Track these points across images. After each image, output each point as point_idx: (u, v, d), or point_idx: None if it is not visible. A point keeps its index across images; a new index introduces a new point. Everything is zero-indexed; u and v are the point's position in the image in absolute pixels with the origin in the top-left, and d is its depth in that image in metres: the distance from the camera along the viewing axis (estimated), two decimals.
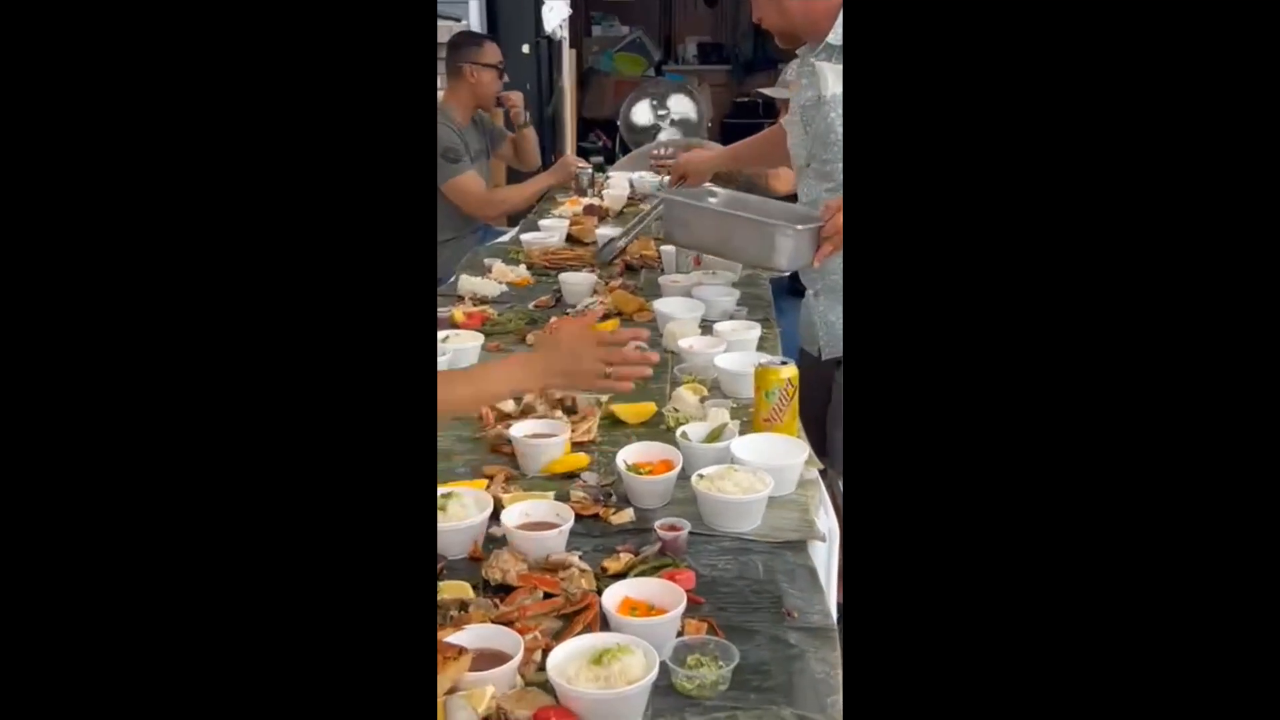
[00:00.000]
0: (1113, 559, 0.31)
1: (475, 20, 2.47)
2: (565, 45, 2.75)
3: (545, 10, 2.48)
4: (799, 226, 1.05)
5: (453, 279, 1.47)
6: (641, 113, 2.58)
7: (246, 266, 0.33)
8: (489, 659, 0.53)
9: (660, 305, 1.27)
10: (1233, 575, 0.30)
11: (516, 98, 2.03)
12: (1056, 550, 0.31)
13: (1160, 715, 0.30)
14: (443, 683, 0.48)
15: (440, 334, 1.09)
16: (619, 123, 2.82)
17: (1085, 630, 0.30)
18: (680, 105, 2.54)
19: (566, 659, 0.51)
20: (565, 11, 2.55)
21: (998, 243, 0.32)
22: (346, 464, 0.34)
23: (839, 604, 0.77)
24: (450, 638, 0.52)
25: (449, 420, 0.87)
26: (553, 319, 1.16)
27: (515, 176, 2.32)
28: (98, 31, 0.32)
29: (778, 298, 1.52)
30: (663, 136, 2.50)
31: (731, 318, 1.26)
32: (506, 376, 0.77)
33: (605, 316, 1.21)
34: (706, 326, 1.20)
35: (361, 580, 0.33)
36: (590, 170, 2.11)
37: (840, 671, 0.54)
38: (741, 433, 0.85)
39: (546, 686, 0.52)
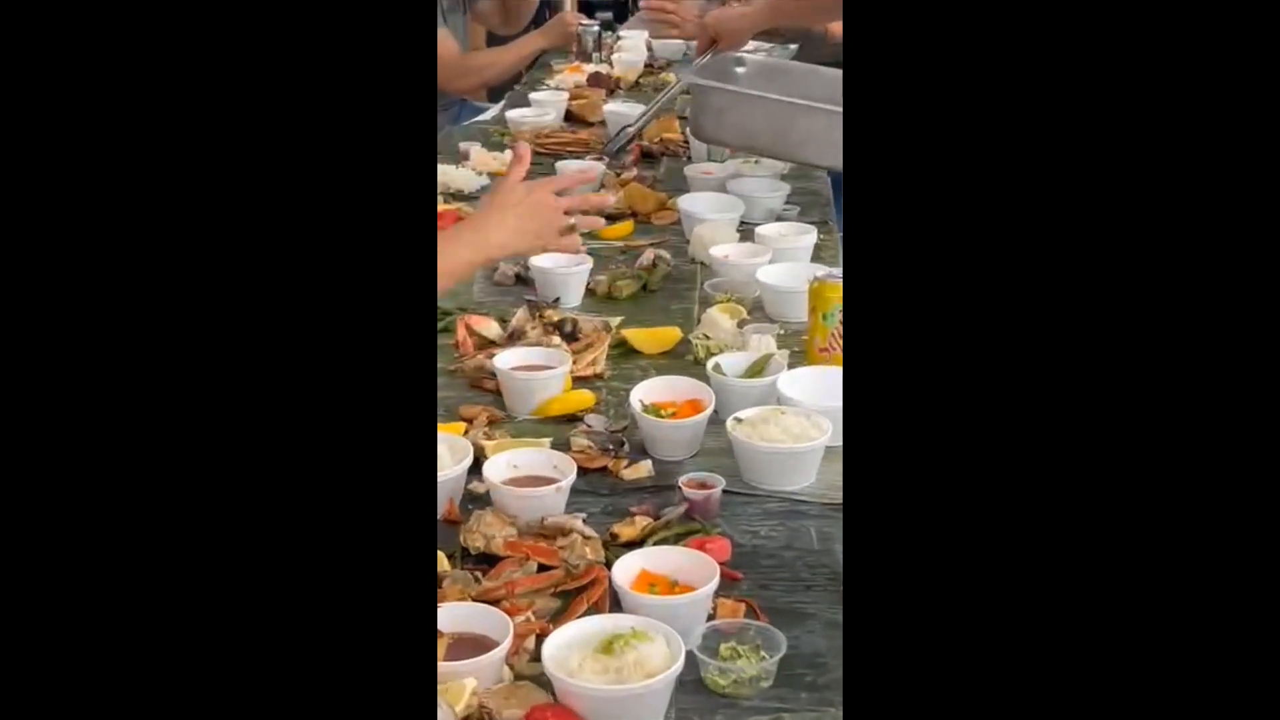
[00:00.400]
0: (1112, 557, 0.35)
1: None
2: None
3: None
4: None
5: None
6: None
7: (237, 237, 0.38)
8: (469, 645, 0.52)
9: (686, 203, 1.22)
10: (1230, 572, 0.34)
11: None
12: (1058, 546, 0.35)
13: (1159, 714, 0.34)
14: None
15: None
16: None
17: (1085, 628, 0.34)
18: None
19: (567, 647, 0.50)
20: None
21: (997, 246, 0.37)
22: (344, 453, 0.37)
23: None
24: None
25: None
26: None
27: (498, 42, 2.20)
28: (101, 33, 0.37)
29: (839, 194, 1.42)
30: None
31: (779, 219, 1.21)
32: (454, 250, 0.75)
33: (616, 218, 1.16)
34: (746, 231, 1.16)
35: (357, 570, 0.37)
36: (597, 28, 1.98)
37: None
38: (791, 366, 0.84)
39: (542, 680, 0.50)
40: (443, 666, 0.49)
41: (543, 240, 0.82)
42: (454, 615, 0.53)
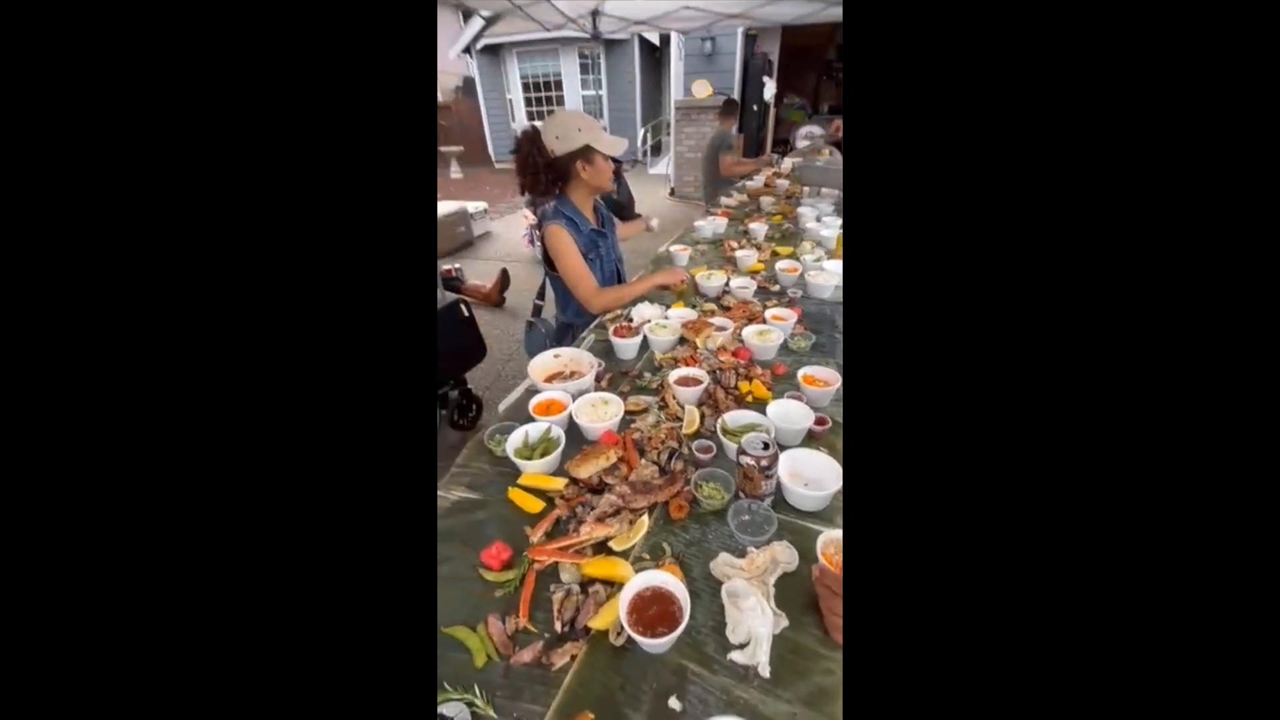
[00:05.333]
0: (1111, 559, 0.34)
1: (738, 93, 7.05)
2: (771, 105, 7.65)
3: (765, 90, 7.64)
4: None
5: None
6: (801, 134, 5.74)
7: (260, 255, 0.39)
8: None
9: None
10: (1220, 574, 0.32)
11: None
12: (1056, 553, 0.35)
13: (1158, 714, 0.32)
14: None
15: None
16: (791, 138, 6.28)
17: (1082, 634, 0.34)
18: (814, 129, 5.57)
19: None
20: (773, 89, 7.70)
21: (997, 252, 0.37)
22: (348, 451, 0.40)
23: None
24: None
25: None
26: None
27: None
28: (116, 36, 0.35)
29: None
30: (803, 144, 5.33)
31: None
32: None
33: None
34: None
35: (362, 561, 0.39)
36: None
37: None
38: None
39: None
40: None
41: None
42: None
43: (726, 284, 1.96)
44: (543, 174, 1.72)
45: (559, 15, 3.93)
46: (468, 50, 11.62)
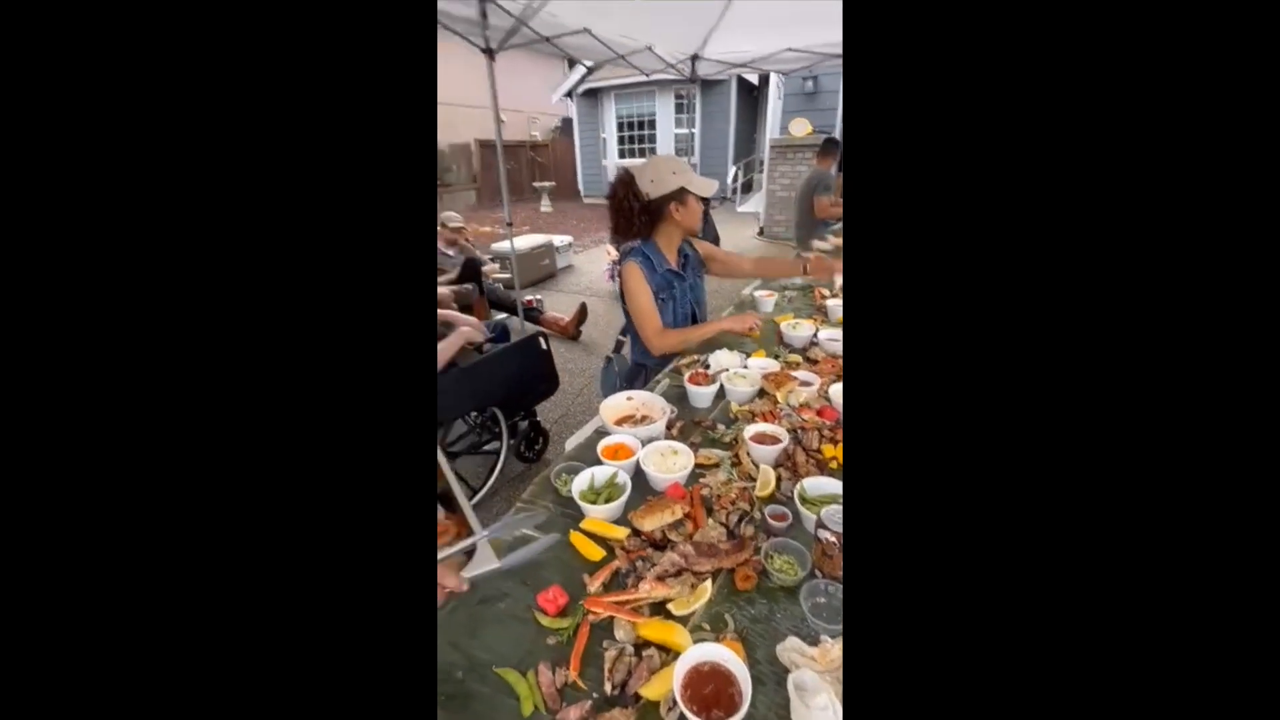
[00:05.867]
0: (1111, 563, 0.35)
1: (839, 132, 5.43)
2: None
3: None
4: None
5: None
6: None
7: (265, 269, 0.39)
8: None
9: None
10: (1214, 576, 0.34)
11: None
12: (1057, 558, 0.36)
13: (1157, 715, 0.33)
14: None
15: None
16: None
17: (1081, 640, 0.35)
18: None
19: None
20: None
21: (997, 257, 0.38)
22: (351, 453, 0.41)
23: None
24: None
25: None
26: None
27: None
28: (132, 39, 0.36)
29: None
30: None
31: None
32: None
33: None
34: None
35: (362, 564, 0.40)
36: None
37: None
38: None
39: None
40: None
41: None
42: None
43: (815, 335, 1.87)
44: (637, 218, 1.76)
45: (659, 62, 4.11)
46: (569, 94, 12.37)
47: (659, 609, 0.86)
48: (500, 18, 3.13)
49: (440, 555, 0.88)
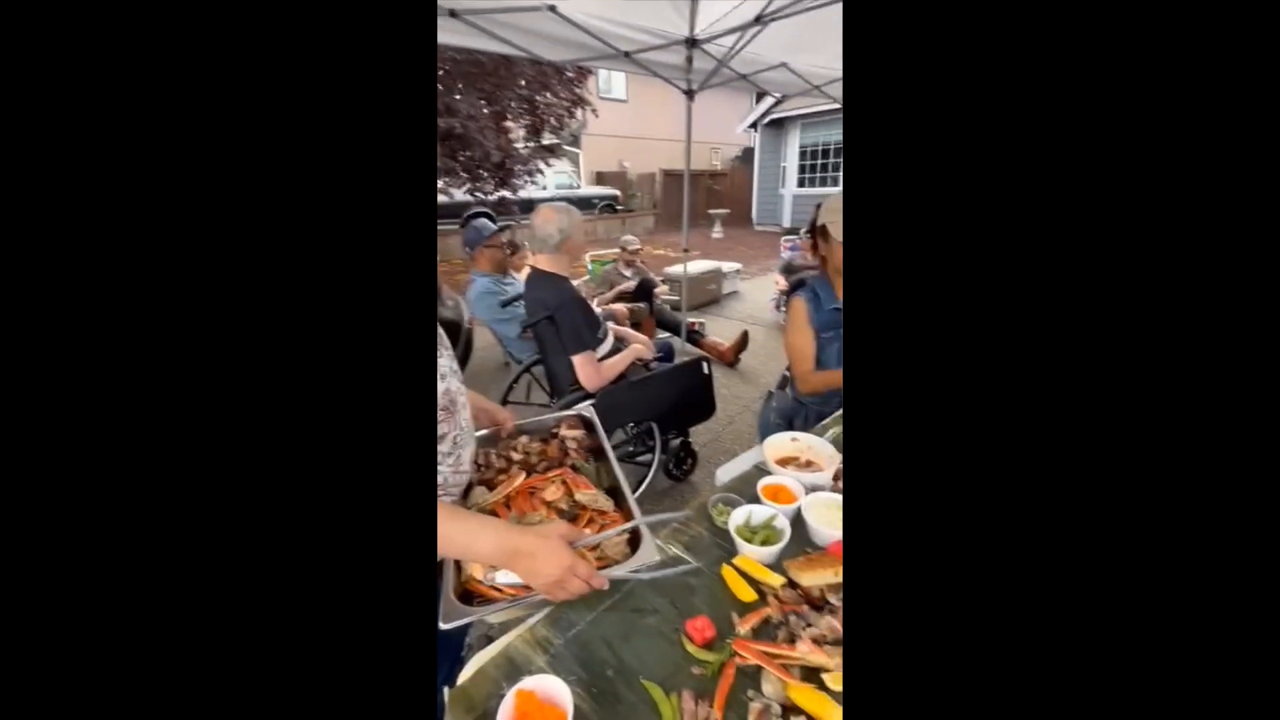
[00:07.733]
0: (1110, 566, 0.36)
1: None
2: None
3: None
4: None
5: None
6: None
7: (263, 269, 0.39)
8: None
9: None
10: (1213, 577, 0.34)
11: None
12: (1057, 559, 0.36)
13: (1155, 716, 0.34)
14: None
15: None
16: None
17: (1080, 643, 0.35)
18: None
19: None
20: None
21: (996, 259, 0.39)
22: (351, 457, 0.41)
23: None
24: None
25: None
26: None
27: None
28: (140, 43, 0.35)
29: None
30: None
31: None
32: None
33: None
34: None
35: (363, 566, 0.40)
36: None
37: None
38: None
39: None
40: None
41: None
42: None
43: None
44: (816, 252, 1.75)
45: None
46: (754, 125, 12.49)
47: (811, 674, 0.83)
48: (704, 61, 3.28)
49: (610, 534, 0.98)
